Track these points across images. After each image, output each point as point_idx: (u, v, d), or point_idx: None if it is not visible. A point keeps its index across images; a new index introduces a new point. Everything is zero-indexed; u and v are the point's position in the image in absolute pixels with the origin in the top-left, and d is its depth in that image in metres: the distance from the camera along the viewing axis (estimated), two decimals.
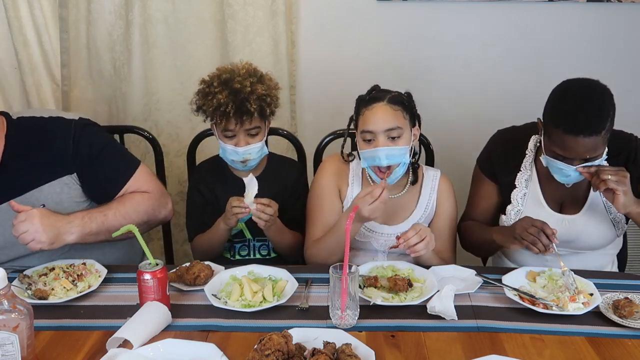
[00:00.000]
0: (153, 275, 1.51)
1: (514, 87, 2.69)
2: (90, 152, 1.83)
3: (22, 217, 1.64)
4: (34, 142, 1.80)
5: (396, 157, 1.79)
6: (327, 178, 1.96)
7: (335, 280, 1.48)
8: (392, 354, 1.40)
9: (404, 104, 1.82)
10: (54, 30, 2.60)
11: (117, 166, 1.88)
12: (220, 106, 1.86)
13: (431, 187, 1.95)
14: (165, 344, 1.39)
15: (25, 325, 1.28)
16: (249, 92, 1.87)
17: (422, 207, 1.94)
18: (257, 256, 2.10)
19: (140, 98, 2.67)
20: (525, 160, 1.91)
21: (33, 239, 1.64)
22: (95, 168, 1.84)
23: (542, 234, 1.67)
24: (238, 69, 1.94)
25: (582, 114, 1.62)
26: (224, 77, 1.90)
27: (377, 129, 1.78)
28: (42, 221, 1.65)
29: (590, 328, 1.50)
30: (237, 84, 1.88)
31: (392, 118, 1.78)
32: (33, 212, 1.65)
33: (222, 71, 1.95)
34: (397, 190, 1.94)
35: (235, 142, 1.93)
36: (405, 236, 1.68)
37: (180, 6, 2.57)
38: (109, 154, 1.88)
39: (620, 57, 2.66)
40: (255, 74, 1.95)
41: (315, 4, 2.62)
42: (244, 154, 1.94)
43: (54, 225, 1.68)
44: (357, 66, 2.62)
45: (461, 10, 2.61)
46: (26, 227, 1.63)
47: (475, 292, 1.66)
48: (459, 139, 2.68)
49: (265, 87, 1.92)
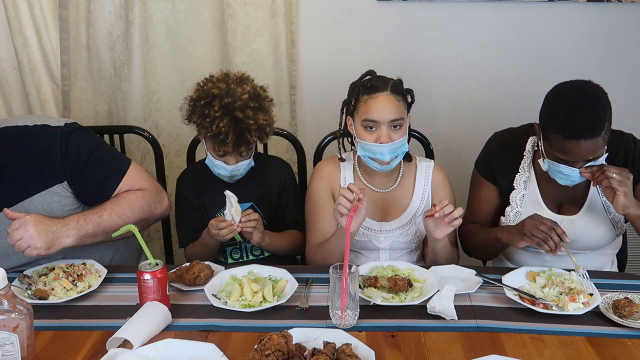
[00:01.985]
0: (153, 275, 1.51)
1: (514, 87, 2.69)
2: (79, 158, 1.79)
3: (16, 224, 1.61)
4: (21, 152, 1.75)
5: (398, 150, 1.82)
6: (320, 183, 1.96)
7: (335, 280, 1.48)
8: (392, 354, 1.40)
9: (402, 92, 1.83)
10: (54, 30, 2.60)
11: (108, 168, 1.84)
12: (220, 134, 1.82)
13: (425, 178, 1.95)
14: (165, 344, 1.39)
15: (25, 325, 1.28)
16: (250, 124, 1.83)
17: (418, 199, 1.94)
18: (251, 257, 2.09)
19: (140, 98, 2.67)
20: (523, 162, 1.91)
21: (28, 245, 1.61)
22: (86, 173, 1.80)
23: (553, 231, 1.67)
24: (239, 93, 1.84)
25: (580, 118, 1.63)
26: (225, 102, 1.82)
27: (382, 119, 1.78)
28: (36, 226, 1.62)
29: (590, 328, 1.50)
30: (239, 113, 1.82)
31: (395, 108, 1.79)
32: (26, 218, 1.62)
33: (221, 90, 1.85)
34: (390, 183, 1.94)
35: (225, 160, 1.92)
36: (441, 203, 1.67)
37: (180, 6, 2.57)
38: (98, 156, 1.83)
39: (620, 57, 2.66)
40: (256, 97, 1.88)
41: (315, 4, 2.62)
42: (233, 170, 1.93)
43: (49, 229, 1.64)
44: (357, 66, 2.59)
45: (461, 10, 2.61)
46: (20, 234, 1.60)
47: (475, 292, 1.66)
48: (458, 139, 2.69)
49: (267, 116, 1.88)
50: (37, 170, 1.77)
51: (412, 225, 1.93)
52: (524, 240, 1.72)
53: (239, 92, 1.84)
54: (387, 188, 1.93)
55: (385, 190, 1.93)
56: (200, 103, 1.86)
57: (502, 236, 1.82)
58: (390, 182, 1.94)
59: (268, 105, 1.91)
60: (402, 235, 1.93)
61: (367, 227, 1.92)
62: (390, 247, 1.94)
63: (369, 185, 1.93)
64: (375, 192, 1.94)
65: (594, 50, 2.66)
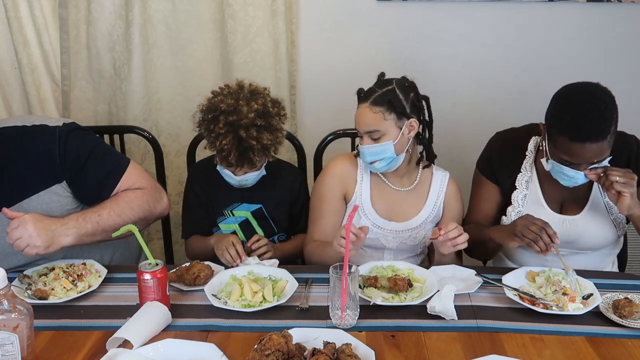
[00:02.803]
0: (153, 275, 1.51)
1: (514, 87, 2.69)
2: (78, 158, 1.79)
3: (15, 223, 1.61)
4: (20, 152, 1.75)
5: (379, 154, 1.83)
6: (333, 179, 1.96)
7: (335, 280, 1.48)
8: (392, 354, 1.40)
9: (390, 102, 1.81)
10: (54, 30, 2.60)
11: (107, 167, 1.83)
12: (223, 151, 1.82)
13: (439, 188, 1.97)
14: (165, 344, 1.39)
15: (25, 325, 1.28)
16: (254, 144, 1.81)
17: (430, 207, 1.96)
18: None
19: (140, 98, 2.67)
20: (526, 162, 1.91)
21: (27, 244, 1.60)
22: (85, 173, 1.80)
23: (544, 232, 1.67)
24: (245, 111, 1.82)
25: (586, 121, 1.63)
26: (230, 120, 1.81)
27: (360, 129, 1.85)
28: (35, 225, 1.61)
29: (590, 328, 1.50)
30: (242, 132, 1.80)
31: (370, 121, 1.82)
32: (25, 217, 1.62)
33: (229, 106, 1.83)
34: (407, 183, 1.95)
35: (232, 170, 1.92)
36: (446, 228, 1.68)
37: (180, 6, 2.57)
38: (97, 156, 1.83)
39: (620, 57, 2.66)
40: (264, 114, 1.85)
41: (315, 4, 2.62)
42: (241, 180, 1.94)
43: (48, 228, 1.64)
44: (357, 66, 2.62)
45: (461, 10, 2.61)
46: (20, 233, 1.60)
47: (475, 292, 1.66)
48: (458, 139, 2.68)
49: (272, 135, 1.85)
50: (36, 170, 1.76)
51: (420, 230, 1.94)
52: (515, 241, 1.73)
53: (245, 110, 1.82)
54: (402, 187, 1.94)
55: (400, 189, 1.94)
56: (208, 116, 1.86)
57: (494, 236, 1.82)
58: (406, 183, 1.95)
59: (277, 123, 1.89)
60: (410, 238, 1.94)
61: (377, 224, 1.93)
62: (396, 247, 1.94)
63: (385, 181, 1.94)
64: (390, 189, 1.95)
65: (594, 50, 2.66)
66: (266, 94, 1.92)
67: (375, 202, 1.94)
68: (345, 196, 1.96)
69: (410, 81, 1.89)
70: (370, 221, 1.92)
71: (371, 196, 1.94)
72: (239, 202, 2.04)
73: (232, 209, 2.04)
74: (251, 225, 2.05)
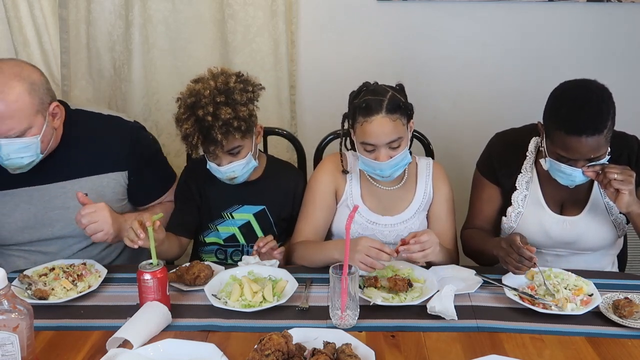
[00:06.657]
0: (153, 275, 1.51)
1: (514, 87, 2.69)
2: (143, 156, 1.94)
3: (92, 208, 1.71)
4: (90, 134, 1.88)
5: (398, 165, 1.82)
6: (326, 175, 1.96)
7: (335, 280, 1.48)
8: (392, 354, 1.40)
9: (400, 107, 1.78)
10: (54, 30, 2.60)
11: (162, 174, 2.03)
12: (187, 136, 1.78)
13: (426, 174, 1.97)
14: (165, 344, 1.39)
15: (25, 325, 1.28)
16: (212, 120, 1.73)
17: (420, 195, 1.96)
18: None
19: (140, 98, 2.67)
20: (526, 162, 1.91)
21: (102, 229, 1.71)
22: (145, 172, 1.95)
23: (524, 259, 1.61)
24: (204, 90, 1.76)
25: (582, 113, 1.62)
26: (189, 102, 1.77)
27: (379, 143, 1.76)
28: (111, 214, 1.73)
29: (590, 328, 1.50)
30: (199, 110, 1.74)
31: (392, 130, 1.76)
32: (102, 204, 1.72)
33: (190, 90, 1.80)
34: (394, 183, 1.95)
35: (217, 162, 1.86)
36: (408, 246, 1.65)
37: (180, 6, 2.57)
38: (158, 162, 2.03)
39: (620, 57, 2.66)
40: (225, 90, 1.78)
41: (315, 4, 2.62)
42: (227, 172, 1.87)
43: (117, 220, 1.76)
44: (357, 66, 2.62)
45: (461, 10, 2.61)
46: (97, 217, 1.70)
47: (475, 292, 1.66)
48: (459, 139, 2.68)
49: (231, 110, 1.75)
50: (102, 154, 1.89)
51: (415, 220, 1.94)
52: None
53: (202, 90, 1.77)
54: (391, 187, 1.94)
55: (389, 189, 1.94)
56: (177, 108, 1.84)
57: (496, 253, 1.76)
58: (395, 182, 1.95)
59: (240, 97, 1.79)
60: (406, 229, 1.93)
61: (372, 220, 1.93)
62: (394, 241, 1.93)
63: (373, 183, 1.94)
64: (379, 189, 1.95)
65: (594, 50, 2.65)
66: (233, 73, 1.85)
67: (366, 199, 1.94)
68: (336, 193, 1.96)
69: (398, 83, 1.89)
70: (364, 218, 1.92)
71: (362, 195, 1.94)
72: (240, 204, 2.01)
73: (232, 211, 2.01)
74: (252, 228, 2.02)
